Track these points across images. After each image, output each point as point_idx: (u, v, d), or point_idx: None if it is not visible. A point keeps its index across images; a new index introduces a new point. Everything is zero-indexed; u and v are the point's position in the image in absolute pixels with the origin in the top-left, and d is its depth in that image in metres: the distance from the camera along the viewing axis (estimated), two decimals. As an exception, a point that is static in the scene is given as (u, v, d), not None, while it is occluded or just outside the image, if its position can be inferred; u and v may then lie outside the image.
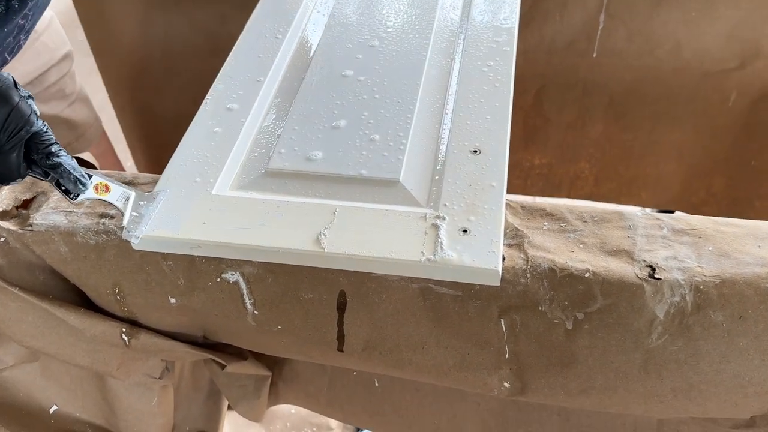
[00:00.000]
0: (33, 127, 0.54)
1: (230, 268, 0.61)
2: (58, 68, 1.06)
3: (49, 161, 0.55)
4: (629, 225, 0.59)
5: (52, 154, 0.55)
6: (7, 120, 0.52)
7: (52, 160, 0.55)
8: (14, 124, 0.52)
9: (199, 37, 1.23)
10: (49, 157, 0.55)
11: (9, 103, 0.52)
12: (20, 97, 0.53)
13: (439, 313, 0.60)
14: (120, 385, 0.78)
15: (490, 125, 0.67)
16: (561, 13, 1.12)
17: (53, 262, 0.65)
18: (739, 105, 1.19)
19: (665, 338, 0.56)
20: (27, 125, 0.53)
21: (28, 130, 0.54)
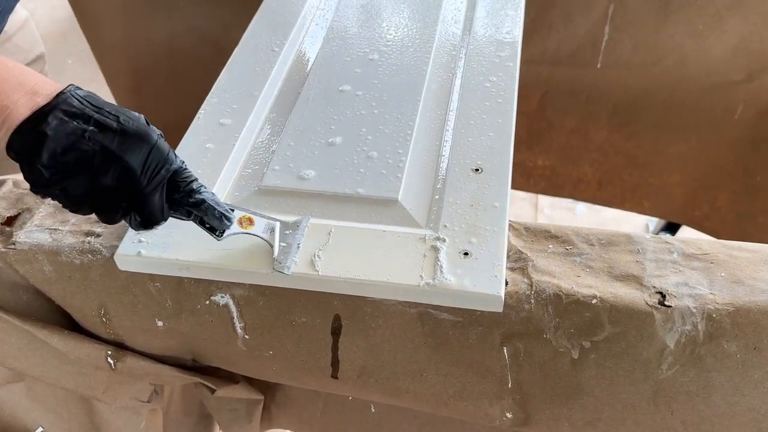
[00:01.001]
0: (173, 165, 0.50)
1: (220, 290, 0.59)
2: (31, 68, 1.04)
3: (192, 199, 0.51)
4: (638, 249, 0.57)
5: (194, 191, 0.51)
6: (148, 160, 0.48)
7: (195, 197, 0.51)
8: (155, 163, 0.49)
9: (202, 45, 1.22)
10: (191, 194, 0.51)
11: (148, 142, 0.49)
12: (157, 134, 0.50)
13: (438, 340, 0.57)
14: (107, 409, 0.75)
15: (492, 142, 0.65)
16: (565, 24, 1.10)
17: (37, 282, 0.63)
18: (746, 118, 1.17)
19: (676, 369, 0.53)
20: (167, 164, 0.49)
21: (168, 169, 0.50)
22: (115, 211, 0.50)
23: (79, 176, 0.48)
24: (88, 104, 0.49)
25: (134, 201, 0.49)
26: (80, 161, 0.47)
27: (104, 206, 0.49)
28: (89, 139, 0.47)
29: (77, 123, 0.47)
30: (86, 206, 0.50)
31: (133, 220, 0.50)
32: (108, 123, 0.48)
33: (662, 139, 1.24)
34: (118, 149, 0.48)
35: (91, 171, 0.47)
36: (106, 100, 0.50)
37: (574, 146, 1.29)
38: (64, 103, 0.48)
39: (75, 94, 0.49)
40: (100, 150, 0.47)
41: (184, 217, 0.53)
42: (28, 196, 0.66)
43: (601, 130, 1.26)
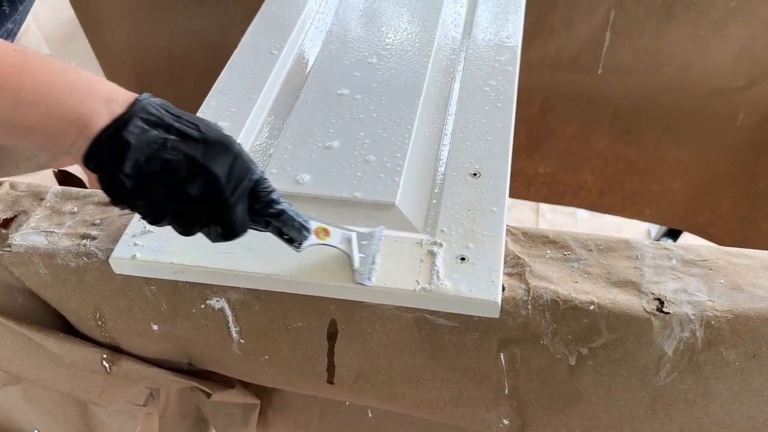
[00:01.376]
0: (255, 175, 0.48)
1: (215, 294, 0.58)
2: None
3: (272, 209, 0.50)
4: (636, 254, 0.56)
5: (274, 201, 0.50)
6: (232, 170, 0.46)
7: (275, 207, 0.50)
8: (238, 173, 0.47)
9: (202, 48, 1.22)
10: (271, 204, 0.50)
11: (231, 151, 0.47)
12: (238, 144, 0.48)
13: (434, 345, 0.57)
14: (102, 412, 0.75)
15: (491, 147, 0.64)
16: (566, 29, 1.10)
17: (32, 285, 0.63)
18: (747, 124, 1.17)
19: (674, 376, 0.53)
20: (249, 173, 0.48)
21: (251, 179, 0.48)
22: (197, 222, 0.48)
23: (163, 186, 0.46)
24: (165, 112, 0.47)
25: (217, 212, 0.47)
26: (164, 171, 0.45)
27: (186, 217, 0.47)
28: (172, 148, 0.45)
29: (158, 131, 0.46)
30: (168, 217, 0.47)
31: (213, 231, 0.48)
32: (189, 132, 0.46)
33: (663, 145, 1.23)
34: (203, 158, 0.46)
35: (176, 181, 0.45)
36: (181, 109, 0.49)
37: (574, 153, 1.28)
38: (143, 111, 0.46)
39: (152, 102, 0.47)
40: (185, 159, 0.45)
41: (262, 228, 0.51)
42: (24, 198, 0.66)
43: (602, 136, 1.25)
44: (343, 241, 0.55)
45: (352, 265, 0.54)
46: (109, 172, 0.46)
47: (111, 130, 0.45)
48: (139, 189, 0.46)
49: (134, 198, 0.46)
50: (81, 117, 0.45)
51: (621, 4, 1.05)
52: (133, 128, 0.45)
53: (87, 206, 0.64)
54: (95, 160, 0.46)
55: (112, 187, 0.46)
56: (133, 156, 0.45)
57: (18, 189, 0.67)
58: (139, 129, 0.45)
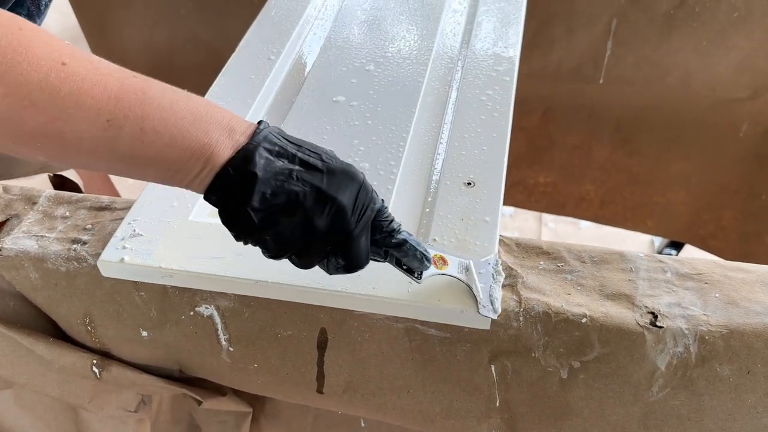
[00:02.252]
0: (376, 205, 0.46)
1: (204, 301, 0.58)
2: None
3: (394, 240, 0.48)
4: (631, 267, 0.55)
5: (395, 231, 0.48)
6: (357, 200, 0.45)
7: (397, 237, 0.48)
8: (362, 203, 0.45)
9: (202, 53, 1.22)
10: (392, 234, 0.48)
11: (355, 180, 0.45)
12: (362, 173, 0.46)
13: (425, 356, 0.56)
14: (93, 418, 0.75)
15: (486, 156, 0.64)
16: (567, 39, 1.09)
17: (23, 289, 0.62)
18: (751, 136, 1.16)
19: (667, 391, 0.52)
20: (372, 203, 0.46)
21: (373, 209, 0.46)
22: (320, 254, 0.46)
23: (292, 218, 0.43)
24: (287, 142, 0.45)
25: (341, 244, 0.45)
26: (291, 203, 0.43)
27: (311, 249, 0.45)
28: (298, 179, 0.43)
29: (283, 162, 0.44)
30: (292, 251, 0.45)
31: (333, 264, 0.47)
32: (313, 161, 0.44)
33: (665, 156, 1.22)
34: (328, 188, 0.44)
35: (304, 212, 0.43)
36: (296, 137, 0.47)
37: (575, 163, 1.28)
38: (266, 141, 0.44)
39: (272, 131, 0.45)
40: (311, 190, 0.43)
41: (380, 258, 0.49)
42: (17, 202, 0.65)
43: (603, 147, 1.25)
44: (461, 270, 0.53)
45: (476, 297, 0.52)
46: (234, 205, 0.43)
47: (236, 162, 0.43)
48: (266, 222, 0.43)
49: (261, 232, 0.44)
50: (205, 147, 0.43)
51: (623, 14, 1.04)
52: (259, 159, 0.43)
53: (79, 211, 0.64)
54: (219, 194, 0.44)
55: (238, 221, 0.44)
56: (261, 189, 0.43)
57: (11, 192, 0.66)
58: (265, 160, 0.43)
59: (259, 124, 0.46)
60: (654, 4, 1.02)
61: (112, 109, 0.41)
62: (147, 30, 1.21)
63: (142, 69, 1.34)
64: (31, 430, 0.79)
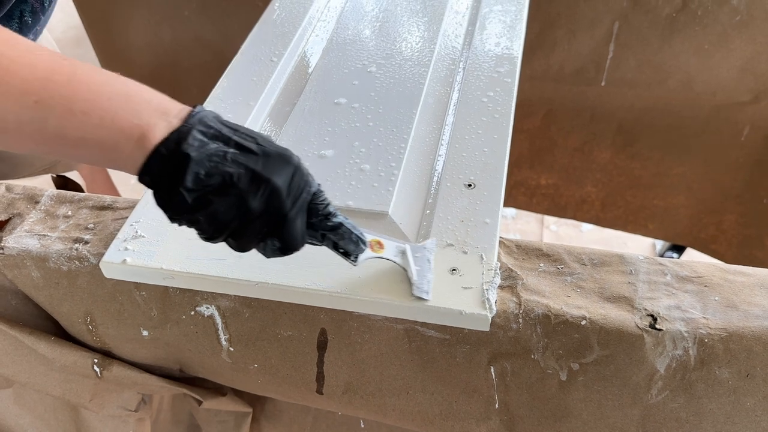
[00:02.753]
0: (312, 188, 0.47)
1: (205, 301, 0.58)
2: None
3: (330, 222, 0.49)
4: (630, 270, 0.55)
5: (331, 214, 0.49)
6: (292, 182, 0.45)
7: (333, 221, 0.49)
8: (297, 185, 0.46)
9: (206, 54, 1.22)
10: (329, 218, 0.49)
11: (291, 163, 0.46)
12: (297, 156, 0.47)
13: (425, 357, 0.56)
14: (94, 417, 0.75)
15: (486, 158, 0.64)
16: (569, 41, 1.09)
17: (25, 288, 0.63)
18: (752, 140, 1.16)
19: (665, 394, 0.52)
20: (308, 186, 0.47)
21: (309, 191, 0.47)
22: (255, 236, 0.46)
23: (225, 199, 0.44)
24: (222, 125, 0.46)
25: (276, 226, 0.46)
26: (225, 184, 0.44)
27: (245, 232, 0.46)
28: (232, 161, 0.44)
29: (218, 144, 0.44)
30: (226, 233, 0.46)
31: (270, 246, 0.47)
32: (248, 144, 0.45)
33: (667, 159, 1.22)
34: (264, 170, 0.44)
35: (237, 194, 0.44)
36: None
37: (577, 166, 1.28)
38: (201, 124, 0.45)
39: (207, 114, 0.46)
40: (245, 172, 0.44)
41: (317, 242, 0.50)
42: (19, 201, 0.66)
43: (604, 149, 1.25)
44: (398, 254, 0.54)
45: (410, 279, 0.53)
46: (167, 186, 0.44)
47: (170, 143, 0.44)
48: (199, 203, 0.44)
49: (194, 212, 0.44)
50: (137, 128, 0.43)
51: (625, 16, 1.04)
52: (193, 141, 0.44)
53: (81, 210, 0.64)
54: (152, 174, 0.44)
55: (171, 201, 0.44)
56: (194, 169, 0.43)
57: (13, 191, 0.67)
58: (199, 142, 0.44)
59: (194, 107, 0.46)
60: (656, 7, 1.02)
61: (39, 90, 0.42)
62: (151, 30, 1.22)
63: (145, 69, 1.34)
64: (32, 429, 0.79)
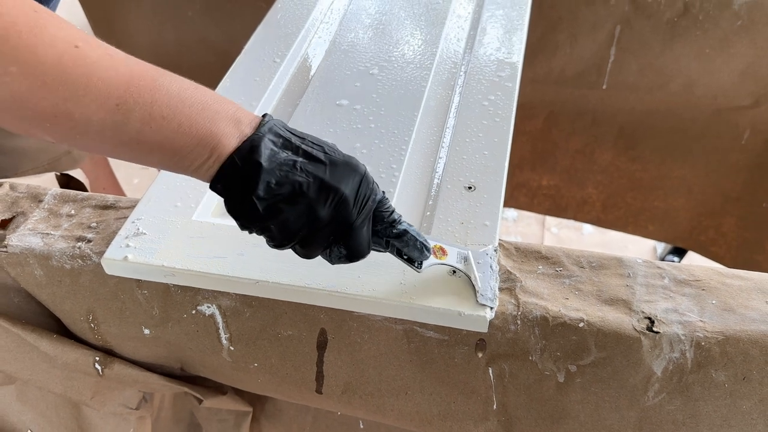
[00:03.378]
0: (377, 196, 0.48)
1: (206, 300, 0.58)
2: None
3: (395, 230, 0.49)
4: (628, 273, 0.56)
5: (396, 222, 0.49)
6: (359, 191, 0.46)
7: (398, 228, 0.49)
8: (363, 194, 0.46)
9: (209, 55, 1.23)
10: (393, 225, 0.49)
11: (357, 171, 0.46)
12: (363, 165, 0.47)
13: (423, 358, 0.57)
14: (95, 414, 0.75)
15: (487, 161, 0.65)
16: (571, 45, 1.10)
17: (28, 286, 0.63)
18: (753, 144, 1.16)
19: (662, 397, 0.52)
20: (373, 194, 0.47)
21: (375, 200, 0.47)
22: (323, 243, 0.47)
23: (296, 208, 0.45)
24: (291, 134, 0.46)
25: (343, 234, 0.47)
26: (295, 193, 0.44)
27: (314, 239, 0.46)
28: (301, 170, 0.45)
29: (288, 153, 0.45)
30: (296, 240, 0.46)
31: (335, 253, 0.48)
32: (316, 153, 0.46)
33: (668, 162, 1.23)
34: (332, 179, 0.45)
35: (307, 203, 0.45)
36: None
37: (578, 168, 1.28)
38: (271, 133, 0.45)
39: (277, 123, 0.47)
40: (314, 181, 0.45)
41: (381, 248, 0.50)
42: (23, 199, 0.66)
43: (606, 152, 1.25)
44: (460, 261, 0.54)
45: (474, 286, 0.53)
46: (240, 194, 0.45)
47: (242, 151, 0.44)
48: (270, 212, 0.45)
49: (265, 221, 0.45)
50: (212, 136, 0.44)
51: (626, 20, 1.05)
52: (264, 150, 0.44)
53: (84, 209, 0.65)
54: (224, 182, 0.45)
55: (242, 210, 0.45)
56: (266, 178, 0.44)
57: (17, 190, 0.67)
58: (270, 151, 0.44)
59: (264, 117, 0.47)
60: (658, 11, 1.03)
61: (122, 94, 0.42)
62: (154, 30, 1.22)
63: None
64: (33, 425, 0.80)
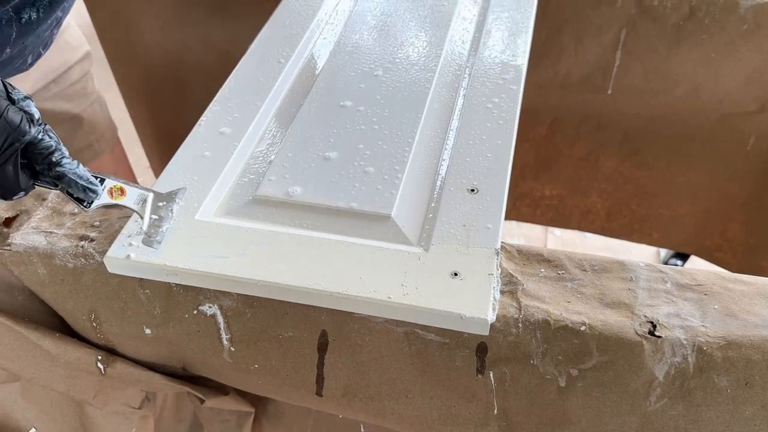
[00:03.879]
0: (26, 137, 0.49)
1: (208, 300, 0.58)
2: (80, 66, 1.06)
3: (52, 172, 0.51)
4: (631, 276, 0.56)
5: (53, 164, 0.51)
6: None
7: (55, 170, 0.51)
8: (4, 135, 0.47)
9: (212, 55, 1.23)
10: (50, 167, 0.51)
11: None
12: (8, 104, 0.48)
13: (424, 361, 0.56)
14: (98, 413, 0.75)
15: (490, 164, 0.64)
16: (576, 48, 1.09)
17: (31, 284, 0.63)
18: (758, 149, 1.15)
19: (664, 402, 0.52)
20: (19, 135, 0.48)
21: (22, 140, 0.48)
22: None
23: None
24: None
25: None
26: None
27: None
28: None
29: None
30: None
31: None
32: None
33: (673, 168, 1.22)
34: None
35: None
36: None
37: (582, 175, 1.28)
38: None
39: None
40: None
41: (51, 187, 0.52)
42: (27, 198, 0.66)
43: (610, 158, 1.25)
44: (138, 202, 0.55)
45: (141, 227, 0.54)
46: None
47: None
48: None
49: None
50: None
51: (632, 24, 1.04)
52: None
53: (88, 208, 0.65)
54: None
55: None
56: None
57: (22, 188, 0.67)
58: None
59: None
60: (663, 15, 1.02)
61: None
62: (158, 30, 1.22)
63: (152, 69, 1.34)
64: (37, 423, 0.80)
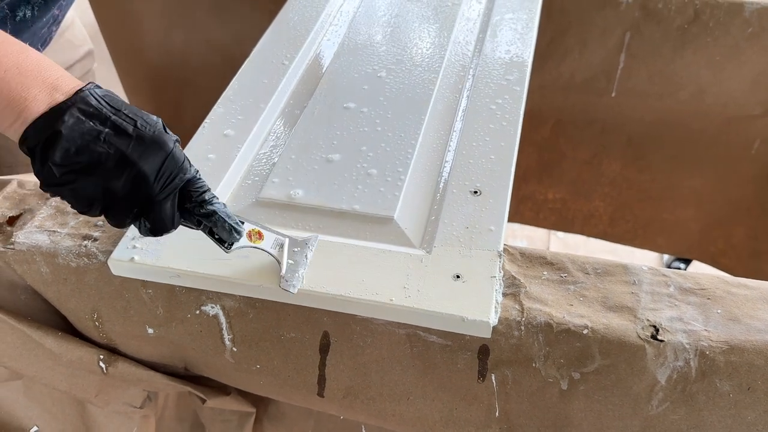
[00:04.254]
0: (187, 175, 0.49)
1: (210, 300, 0.58)
2: (81, 64, 1.06)
3: (203, 209, 0.50)
4: (634, 280, 0.56)
5: (206, 201, 0.50)
6: (162, 168, 0.47)
7: (206, 208, 0.50)
8: (169, 171, 0.48)
9: (216, 56, 1.23)
10: (202, 205, 0.50)
11: (163, 149, 0.48)
12: (173, 141, 0.49)
13: (426, 363, 0.56)
14: (99, 413, 0.75)
15: (493, 166, 0.64)
16: (580, 50, 1.09)
17: (34, 283, 0.63)
18: (763, 153, 1.15)
19: (666, 405, 0.52)
20: (181, 172, 0.49)
21: (182, 178, 0.49)
22: (125, 215, 0.49)
23: (90, 178, 0.47)
24: (106, 105, 0.48)
25: (145, 207, 0.48)
26: (93, 163, 0.46)
27: (114, 210, 0.48)
28: (104, 141, 0.46)
29: (93, 124, 0.47)
30: (96, 209, 0.48)
31: (143, 226, 0.50)
32: (124, 126, 0.47)
33: (677, 172, 1.22)
34: (132, 155, 0.47)
35: (103, 174, 0.46)
36: (125, 102, 0.49)
37: (586, 179, 1.27)
38: (82, 102, 0.47)
39: (94, 93, 0.48)
40: (114, 154, 0.46)
41: (194, 226, 0.52)
42: (31, 197, 0.67)
43: (614, 162, 1.24)
44: (275, 246, 0.55)
45: (280, 271, 0.54)
46: (41, 158, 0.47)
47: (47, 118, 0.46)
48: (67, 178, 0.47)
49: (63, 187, 0.47)
50: (21, 101, 0.46)
51: (636, 27, 1.04)
52: (68, 118, 0.46)
53: (91, 208, 0.65)
54: (28, 146, 0.47)
55: (41, 173, 0.47)
56: (64, 146, 0.46)
57: (25, 187, 0.68)
58: (75, 119, 0.46)
59: (87, 84, 0.48)
60: (668, 18, 1.02)
61: None
62: (163, 31, 1.23)
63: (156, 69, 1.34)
64: (40, 421, 0.80)
